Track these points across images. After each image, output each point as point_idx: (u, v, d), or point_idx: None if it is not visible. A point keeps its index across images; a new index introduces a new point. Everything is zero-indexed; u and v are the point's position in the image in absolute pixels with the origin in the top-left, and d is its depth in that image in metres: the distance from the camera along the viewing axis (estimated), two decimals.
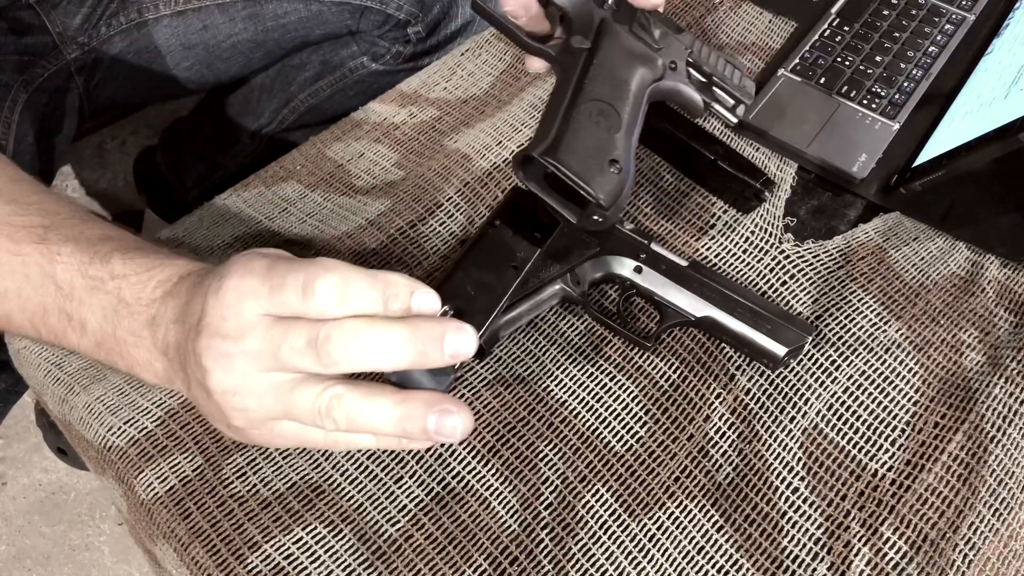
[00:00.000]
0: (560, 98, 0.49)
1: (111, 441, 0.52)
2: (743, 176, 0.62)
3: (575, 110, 0.48)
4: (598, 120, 0.48)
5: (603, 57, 0.50)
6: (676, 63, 0.52)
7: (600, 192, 0.46)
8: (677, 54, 0.53)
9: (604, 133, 0.48)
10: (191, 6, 0.80)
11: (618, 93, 0.49)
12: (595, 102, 0.48)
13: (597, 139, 0.47)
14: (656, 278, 0.56)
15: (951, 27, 0.74)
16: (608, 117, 0.48)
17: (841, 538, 0.50)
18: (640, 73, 0.51)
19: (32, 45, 0.73)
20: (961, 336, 0.58)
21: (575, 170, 0.46)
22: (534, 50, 0.53)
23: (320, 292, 0.38)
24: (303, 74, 0.92)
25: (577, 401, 0.54)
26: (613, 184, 0.47)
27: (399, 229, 0.61)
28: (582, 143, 0.47)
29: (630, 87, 0.50)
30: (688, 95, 0.53)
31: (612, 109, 0.49)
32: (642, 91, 0.51)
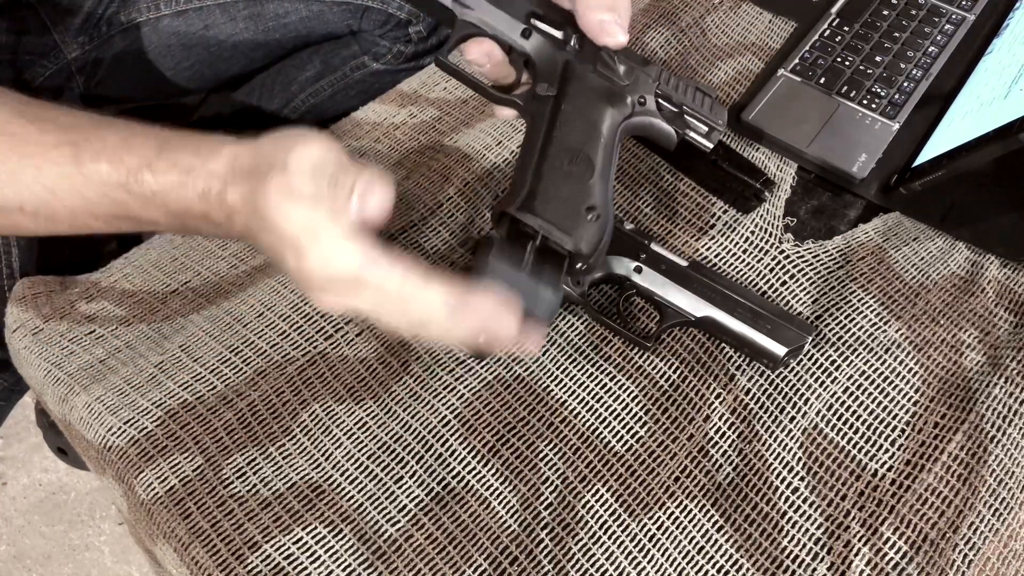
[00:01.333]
0: (531, 149, 0.48)
1: (111, 441, 0.52)
2: (743, 176, 0.62)
3: (546, 161, 0.47)
4: (571, 169, 0.47)
5: (570, 102, 0.50)
6: (645, 98, 0.52)
7: (581, 243, 0.46)
8: (645, 88, 0.52)
9: (578, 181, 0.47)
10: (192, 6, 0.80)
11: (589, 137, 0.49)
12: (566, 150, 0.48)
13: (571, 188, 0.47)
14: (656, 278, 0.56)
15: (951, 27, 0.74)
16: (581, 164, 0.48)
17: (841, 538, 0.50)
18: (609, 113, 0.50)
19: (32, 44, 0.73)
20: (961, 336, 0.58)
21: (553, 222, 0.46)
22: (501, 100, 0.52)
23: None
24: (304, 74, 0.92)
25: (577, 401, 0.54)
26: (592, 232, 0.46)
27: (399, 229, 0.61)
28: (557, 194, 0.46)
29: (600, 129, 0.49)
30: (660, 128, 0.53)
31: (584, 155, 0.48)
32: (613, 131, 0.50)
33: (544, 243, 0.46)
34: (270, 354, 0.55)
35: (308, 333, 0.56)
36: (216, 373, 0.54)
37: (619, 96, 0.51)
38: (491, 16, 0.52)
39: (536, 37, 0.52)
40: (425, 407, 0.54)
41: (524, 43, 0.52)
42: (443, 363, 0.55)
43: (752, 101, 0.68)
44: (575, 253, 0.46)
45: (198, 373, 0.54)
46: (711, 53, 0.73)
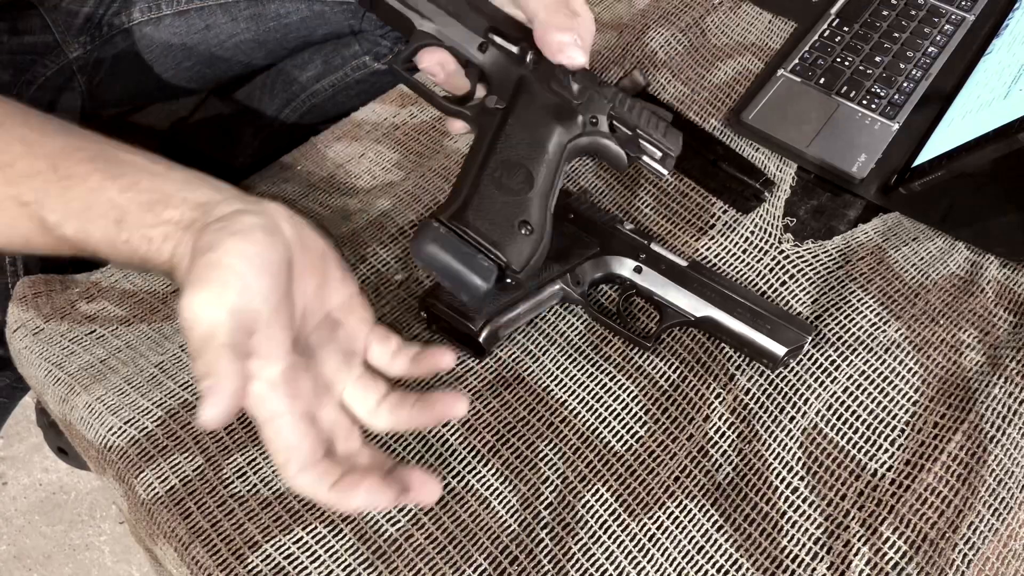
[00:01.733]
0: (473, 160, 0.48)
1: (111, 441, 0.52)
2: (743, 176, 0.62)
3: (484, 172, 0.47)
4: (508, 182, 0.47)
5: (517, 116, 0.49)
6: (597, 118, 0.51)
7: (510, 256, 0.46)
8: (598, 109, 0.51)
9: (514, 195, 0.47)
10: (193, 6, 0.80)
11: (532, 152, 0.49)
12: (506, 163, 0.48)
13: (506, 202, 0.47)
14: (656, 278, 0.56)
15: (951, 27, 0.74)
16: (520, 178, 0.48)
17: (841, 538, 0.50)
18: (557, 131, 0.50)
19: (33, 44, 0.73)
20: (961, 336, 0.58)
21: (484, 234, 0.45)
22: (450, 111, 0.52)
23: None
24: (305, 73, 0.92)
25: (577, 401, 0.54)
26: (524, 247, 0.46)
27: (399, 229, 0.61)
28: (491, 205, 0.46)
29: (546, 146, 0.49)
30: (610, 149, 0.52)
31: (524, 169, 0.48)
32: (559, 149, 0.50)
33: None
34: None
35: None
36: None
37: (569, 114, 0.51)
38: (449, 28, 0.52)
39: (492, 51, 0.52)
40: None
41: (480, 56, 0.52)
42: None
43: (752, 101, 0.68)
44: (504, 266, 0.46)
45: None
46: (711, 53, 0.73)
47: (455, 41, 0.52)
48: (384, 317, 0.57)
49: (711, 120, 0.69)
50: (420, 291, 0.58)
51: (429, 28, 0.52)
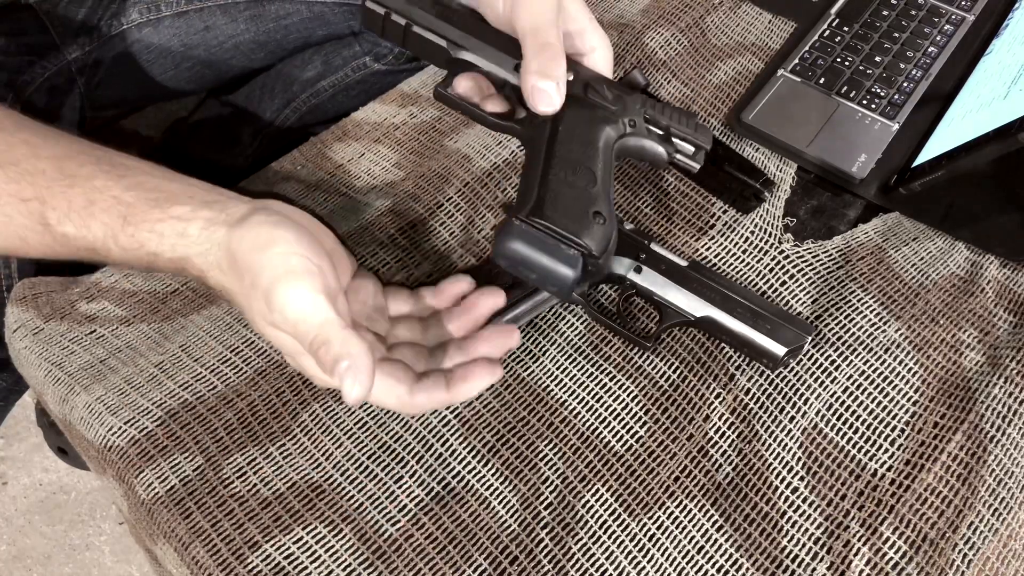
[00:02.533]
0: (534, 165, 0.50)
1: (111, 441, 0.52)
2: (743, 176, 0.62)
3: (550, 173, 0.49)
4: (574, 179, 0.49)
5: (567, 123, 0.51)
6: (635, 121, 0.54)
7: (591, 242, 0.47)
8: (634, 112, 0.54)
9: (582, 190, 0.49)
10: (193, 7, 0.80)
11: (588, 152, 0.51)
12: (568, 163, 0.49)
13: (577, 196, 0.48)
14: (656, 278, 0.56)
15: (951, 27, 0.74)
16: (583, 175, 0.49)
17: (841, 538, 0.50)
18: (605, 133, 0.52)
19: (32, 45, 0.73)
20: (961, 336, 0.58)
21: (563, 225, 0.47)
22: (500, 127, 0.54)
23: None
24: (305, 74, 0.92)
25: (577, 401, 0.54)
26: (601, 234, 0.48)
27: (399, 229, 0.61)
28: (564, 201, 0.48)
29: (598, 146, 0.51)
30: (652, 149, 0.55)
31: (585, 167, 0.50)
32: (609, 149, 0.52)
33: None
34: (271, 353, 0.55)
35: None
36: (216, 373, 0.54)
37: (612, 119, 0.53)
38: (483, 53, 0.54)
39: None
40: None
41: (516, 77, 0.53)
42: None
43: (752, 101, 0.68)
44: (586, 253, 0.47)
45: (198, 373, 0.54)
46: (711, 53, 0.73)
47: (491, 66, 0.54)
48: None
49: (711, 120, 0.69)
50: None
51: (464, 56, 0.54)
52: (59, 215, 0.44)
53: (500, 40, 0.54)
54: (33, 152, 0.45)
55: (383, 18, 0.55)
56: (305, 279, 0.42)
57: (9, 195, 0.44)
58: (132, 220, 0.44)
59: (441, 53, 0.55)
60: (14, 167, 0.45)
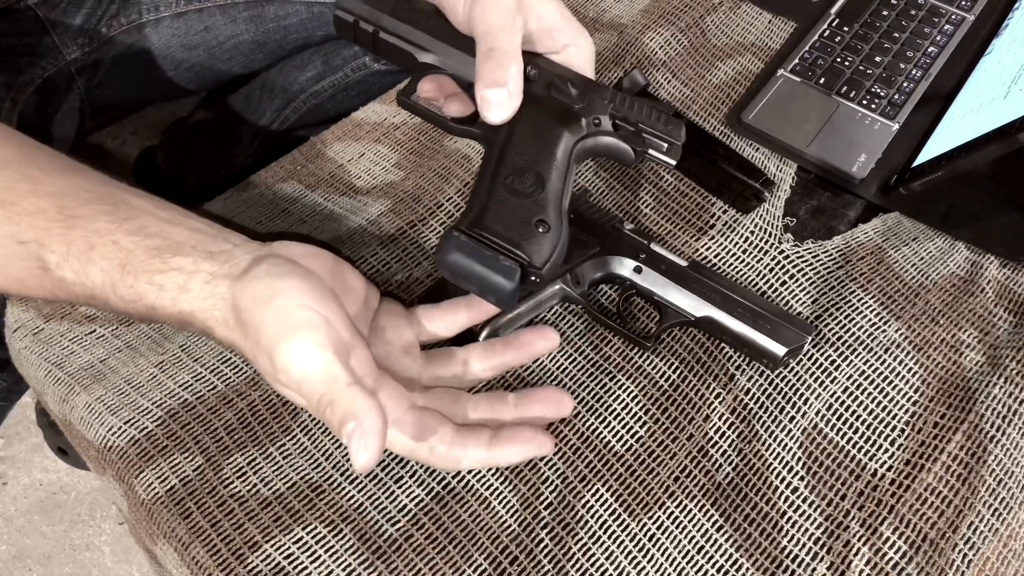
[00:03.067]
0: (484, 171, 0.50)
1: (111, 441, 0.52)
2: (743, 176, 0.62)
3: (498, 180, 0.49)
4: (521, 186, 0.48)
5: (523, 126, 0.51)
6: (600, 119, 0.53)
7: (531, 253, 0.47)
8: (599, 110, 0.53)
9: (528, 197, 0.48)
10: (192, 7, 0.80)
11: (541, 156, 0.50)
12: (516, 169, 0.49)
13: (521, 204, 0.48)
14: (656, 278, 0.56)
15: (951, 27, 0.74)
16: (531, 181, 0.49)
17: (841, 538, 0.50)
18: (563, 135, 0.51)
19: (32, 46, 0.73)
20: (961, 336, 0.58)
21: (503, 236, 0.46)
22: (458, 132, 0.54)
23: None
24: (305, 74, 0.92)
25: (577, 400, 0.54)
26: (544, 243, 0.47)
27: (399, 229, 0.61)
28: (507, 210, 0.48)
29: (554, 150, 0.50)
30: (617, 147, 0.54)
31: (535, 172, 0.49)
32: (567, 152, 0.51)
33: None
34: None
35: None
36: (216, 373, 0.54)
37: (573, 118, 0.52)
38: (449, 56, 0.54)
39: None
40: None
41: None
42: None
43: (752, 101, 0.68)
44: (526, 264, 0.47)
45: (198, 373, 0.54)
46: (711, 53, 0.73)
47: (456, 68, 0.54)
48: None
49: (711, 120, 0.69)
50: (420, 291, 0.58)
51: (430, 59, 0.55)
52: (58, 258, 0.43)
53: (464, 42, 0.53)
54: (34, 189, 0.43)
55: (353, 26, 0.56)
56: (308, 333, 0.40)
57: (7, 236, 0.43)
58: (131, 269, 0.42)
59: (408, 58, 0.55)
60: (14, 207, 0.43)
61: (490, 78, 0.49)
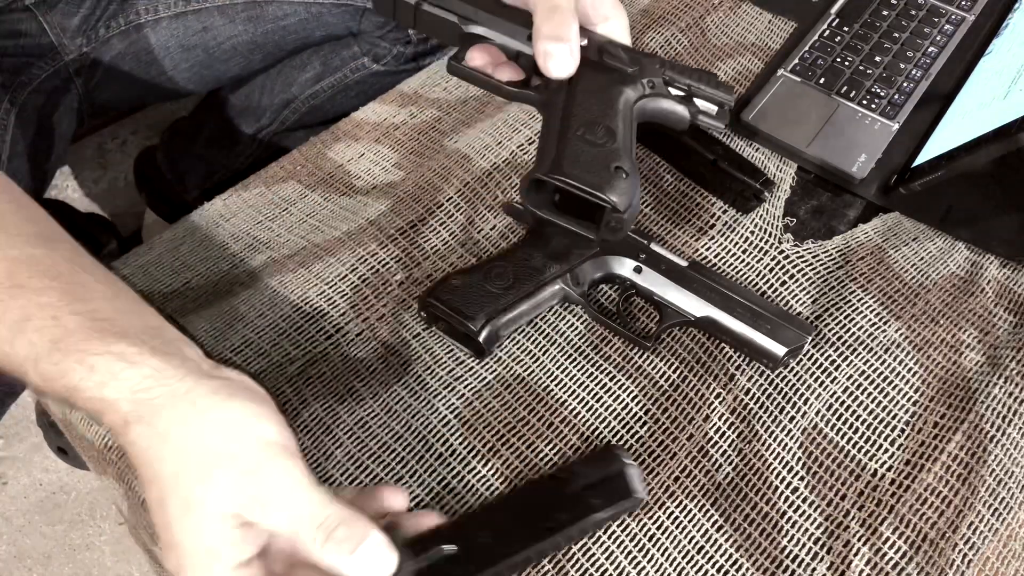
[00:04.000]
0: (551, 127, 0.50)
1: (112, 441, 0.52)
2: (743, 176, 0.62)
3: (569, 132, 0.49)
4: (593, 137, 0.49)
5: (584, 86, 0.51)
6: (654, 82, 0.53)
7: (613, 195, 0.47)
8: (652, 73, 0.53)
9: (602, 147, 0.49)
10: (190, 8, 0.79)
11: (608, 112, 0.50)
12: (587, 123, 0.49)
13: (597, 152, 0.48)
14: (656, 278, 0.56)
15: (951, 27, 0.74)
16: (603, 133, 0.49)
17: (841, 538, 0.50)
18: (624, 93, 0.52)
19: (30, 46, 0.73)
20: (961, 336, 0.58)
21: (584, 180, 0.47)
22: (517, 96, 0.54)
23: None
24: (304, 75, 0.92)
25: (577, 401, 0.54)
26: (624, 187, 0.47)
27: (399, 229, 0.61)
28: (584, 157, 0.48)
29: (617, 107, 0.51)
30: (673, 109, 0.54)
31: (604, 126, 0.49)
32: (629, 110, 0.52)
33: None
34: (271, 354, 0.55)
35: (309, 332, 0.56)
36: None
37: (629, 79, 0.52)
38: (495, 26, 0.54)
39: None
40: (426, 407, 0.54)
41: (529, 47, 0.53)
42: (443, 363, 0.55)
43: (752, 101, 0.68)
44: (609, 207, 0.47)
45: None
46: (711, 53, 0.73)
47: (503, 37, 0.54)
48: (384, 317, 0.57)
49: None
50: (420, 291, 0.58)
51: (477, 30, 0.54)
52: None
53: (510, 11, 0.53)
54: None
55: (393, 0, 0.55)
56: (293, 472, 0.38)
57: None
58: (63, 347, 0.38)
59: (452, 29, 0.55)
60: None
61: (553, 34, 0.50)
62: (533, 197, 0.51)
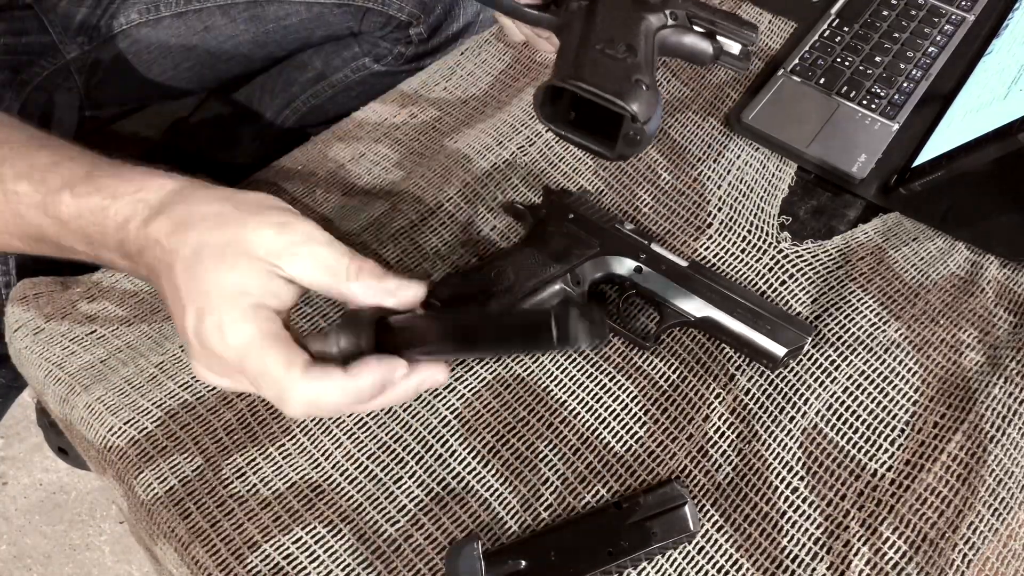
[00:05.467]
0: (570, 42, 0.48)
1: (111, 441, 0.52)
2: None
3: (589, 44, 0.47)
4: (614, 51, 0.47)
5: (605, 6, 0.49)
6: (677, 14, 0.52)
7: (634, 104, 0.44)
8: (675, 5, 0.52)
9: (623, 61, 0.46)
10: (192, 7, 0.80)
11: (629, 31, 0.48)
12: (607, 39, 0.47)
13: (618, 64, 0.46)
14: (656, 278, 0.56)
15: (951, 27, 0.74)
16: (623, 49, 0.47)
17: (841, 538, 0.50)
18: (645, 19, 0.50)
19: (31, 45, 0.73)
20: (961, 336, 0.58)
21: (604, 87, 0.44)
22: (535, 19, 0.52)
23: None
24: (305, 75, 0.92)
25: (577, 401, 0.54)
26: (645, 97, 0.45)
27: (400, 229, 0.61)
28: (604, 67, 0.46)
29: (638, 28, 0.49)
30: (695, 43, 0.52)
31: (625, 42, 0.47)
32: (651, 35, 0.50)
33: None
34: None
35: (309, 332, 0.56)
36: None
37: (653, 6, 0.51)
38: None
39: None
40: (425, 407, 0.54)
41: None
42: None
43: (752, 101, 0.68)
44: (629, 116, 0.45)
45: None
46: None
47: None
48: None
49: (711, 120, 0.69)
50: None
51: None
52: (16, 173, 0.43)
53: None
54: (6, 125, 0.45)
55: None
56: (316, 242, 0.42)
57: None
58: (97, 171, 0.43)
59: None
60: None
61: None
62: (547, 110, 0.49)
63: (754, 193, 0.65)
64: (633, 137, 0.46)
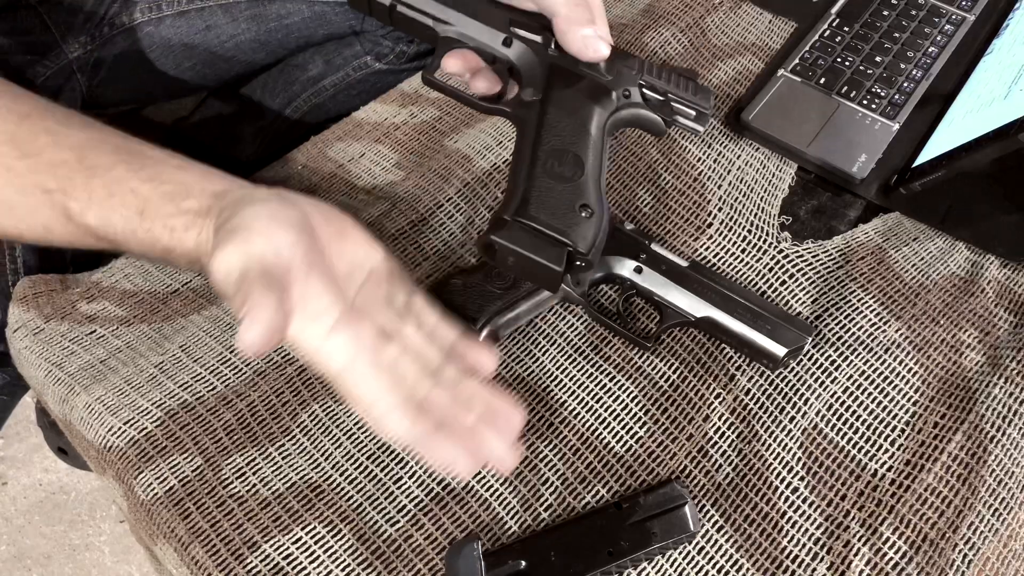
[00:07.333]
0: (522, 155, 0.49)
1: (111, 441, 0.52)
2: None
3: (537, 165, 0.48)
4: (561, 169, 0.48)
5: (556, 104, 0.50)
6: (629, 91, 0.53)
7: (576, 240, 0.46)
8: (628, 81, 0.53)
9: (569, 182, 0.48)
10: (194, 6, 0.80)
11: (577, 137, 0.50)
12: (555, 152, 0.49)
13: (564, 189, 0.48)
14: (656, 278, 0.56)
15: (951, 27, 0.74)
16: (570, 164, 0.49)
17: (841, 538, 0.50)
18: (596, 111, 0.51)
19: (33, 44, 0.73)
20: (961, 336, 0.58)
21: (547, 223, 0.46)
22: (489, 110, 0.53)
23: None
24: (306, 73, 0.92)
25: (577, 401, 0.54)
26: (588, 229, 0.47)
27: (400, 229, 0.61)
28: (550, 196, 0.47)
29: (588, 128, 0.50)
30: (647, 118, 0.54)
31: (572, 155, 0.49)
32: (601, 128, 0.51)
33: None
34: (270, 354, 0.55)
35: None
36: (216, 373, 0.54)
37: (604, 92, 0.52)
38: (471, 29, 0.53)
39: (517, 44, 0.52)
40: None
41: (507, 51, 0.52)
42: None
43: (752, 101, 0.68)
44: (573, 251, 0.47)
45: (198, 373, 0.54)
46: (711, 53, 0.73)
47: (480, 41, 0.53)
48: None
49: (711, 120, 0.69)
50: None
51: (452, 33, 0.53)
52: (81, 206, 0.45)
53: (488, 14, 0.52)
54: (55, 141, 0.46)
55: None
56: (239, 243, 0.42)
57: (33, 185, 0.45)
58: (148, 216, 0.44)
59: (428, 32, 0.53)
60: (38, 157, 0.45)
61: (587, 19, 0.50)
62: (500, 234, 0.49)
63: (754, 193, 0.65)
64: (579, 266, 0.48)
